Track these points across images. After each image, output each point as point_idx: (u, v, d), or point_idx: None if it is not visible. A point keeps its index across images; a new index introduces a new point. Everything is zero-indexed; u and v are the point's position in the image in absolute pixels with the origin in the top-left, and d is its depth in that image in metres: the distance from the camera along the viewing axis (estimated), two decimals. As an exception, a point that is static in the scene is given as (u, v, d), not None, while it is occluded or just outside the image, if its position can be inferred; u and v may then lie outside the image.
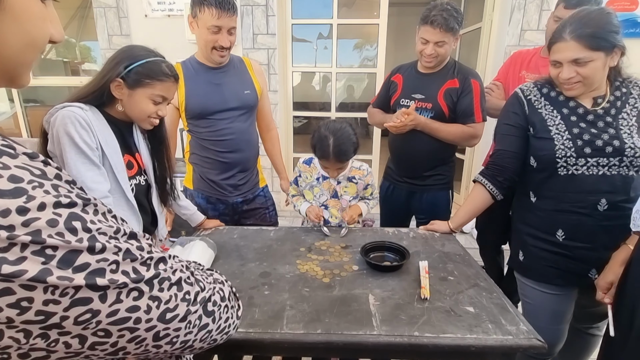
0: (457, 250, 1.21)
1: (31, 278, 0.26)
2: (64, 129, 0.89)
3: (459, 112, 1.53)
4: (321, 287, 0.99)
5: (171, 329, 0.35)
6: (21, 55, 0.34)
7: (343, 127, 1.32)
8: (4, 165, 0.26)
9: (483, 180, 1.21)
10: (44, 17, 0.35)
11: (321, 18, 2.91)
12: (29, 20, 0.33)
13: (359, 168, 1.44)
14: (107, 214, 0.33)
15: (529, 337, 0.78)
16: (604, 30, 0.93)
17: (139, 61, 0.98)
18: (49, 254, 0.27)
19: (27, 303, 0.26)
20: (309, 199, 1.46)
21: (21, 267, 0.25)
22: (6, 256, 0.25)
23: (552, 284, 1.12)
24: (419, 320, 0.84)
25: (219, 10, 1.24)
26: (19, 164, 0.27)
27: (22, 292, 0.26)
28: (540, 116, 1.10)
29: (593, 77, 0.99)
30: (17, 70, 0.35)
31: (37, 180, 0.28)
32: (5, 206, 0.25)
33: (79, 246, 0.28)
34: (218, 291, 0.42)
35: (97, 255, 0.29)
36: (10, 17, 0.31)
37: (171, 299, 0.35)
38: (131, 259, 0.32)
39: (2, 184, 0.25)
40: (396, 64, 1.75)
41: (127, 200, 1.02)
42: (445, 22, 1.41)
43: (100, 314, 0.30)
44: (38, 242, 0.26)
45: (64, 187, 0.30)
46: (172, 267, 0.36)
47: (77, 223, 0.28)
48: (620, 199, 1.01)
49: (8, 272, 0.25)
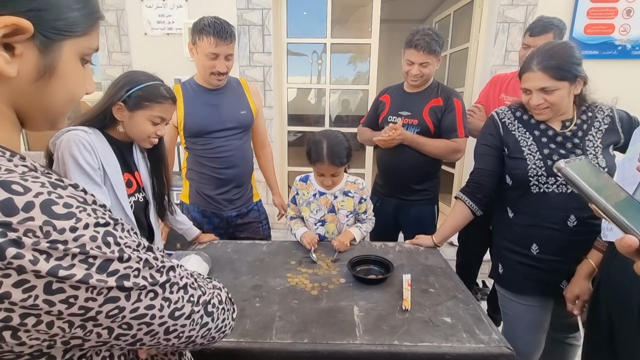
0: (439, 263, 1.28)
1: (78, 280, 0.33)
2: (68, 152, 0.96)
3: (443, 128, 1.63)
4: (309, 299, 1.05)
5: (179, 325, 0.43)
6: (64, 107, 0.43)
7: (336, 133, 1.38)
8: (59, 195, 0.34)
9: (463, 196, 1.28)
10: (84, 78, 0.44)
11: (315, 37, 3.02)
12: (73, 82, 0.42)
13: (354, 182, 1.48)
14: (131, 231, 0.41)
15: (499, 346, 0.84)
16: (567, 62, 1.03)
17: (138, 85, 1.05)
18: (90, 262, 0.34)
19: (74, 300, 0.34)
20: (306, 216, 1.50)
21: (72, 271, 0.33)
22: (61, 263, 0.32)
23: (528, 295, 1.19)
24: (399, 330, 0.90)
25: (217, 39, 1.33)
26: (68, 193, 0.35)
27: (70, 291, 0.33)
28: (514, 137, 1.18)
29: (559, 103, 1.08)
30: (58, 119, 0.44)
31: (82, 206, 0.35)
32: (62, 226, 0.33)
33: (112, 256, 0.36)
34: (216, 295, 0.50)
35: (124, 264, 0.37)
36: (60, 81, 0.40)
37: (179, 300, 0.43)
38: (149, 267, 0.40)
39: (59, 209, 0.33)
40: (388, 80, 1.85)
41: (126, 217, 1.08)
42: (427, 45, 1.52)
43: (125, 310, 0.37)
44: (84, 252, 0.34)
45: (100, 210, 0.38)
46: (179, 275, 0.44)
47: (110, 238, 0.36)
48: (588, 215, 1.09)
49: (63, 275, 0.32)
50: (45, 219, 0.32)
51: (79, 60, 0.42)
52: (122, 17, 2.67)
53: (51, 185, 0.34)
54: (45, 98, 0.40)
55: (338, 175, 1.41)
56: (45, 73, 0.38)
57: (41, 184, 0.33)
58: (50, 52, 0.38)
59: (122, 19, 2.68)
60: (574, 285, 1.08)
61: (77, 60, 0.42)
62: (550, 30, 1.54)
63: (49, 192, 0.33)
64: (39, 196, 0.32)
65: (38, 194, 0.32)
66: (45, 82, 0.39)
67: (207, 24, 1.33)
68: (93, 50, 0.43)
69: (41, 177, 0.35)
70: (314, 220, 1.48)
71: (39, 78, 0.38)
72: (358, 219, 1.51)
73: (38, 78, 0.38)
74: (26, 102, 0.39)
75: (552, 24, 1.55)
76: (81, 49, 0.41)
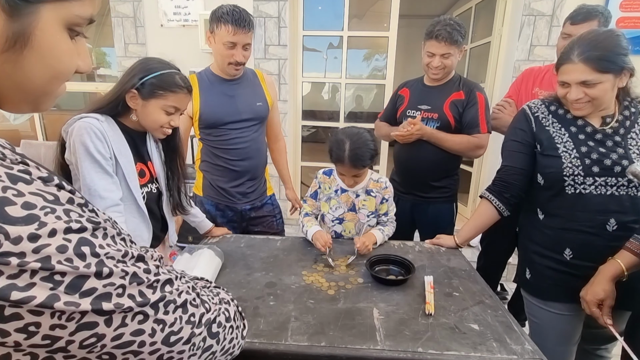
0: (462, 265, 1.21)
1: (39, 304, 0.26)
2: (80, 139, 0.93)
3: (465, 123, 1.55)
4: (326, 299, 1.00)
5: (175, 352, 0.35)
6: (46, 86, 0.35)
7: (361, 133, 1.28)
8: (19, 192, 0.27)
9: (489, 196, 1.21)
10: (71, 53, 0.36)
11: (332, 30, 2.96)
12: (55, 57, 0.34)
13: (377, 180, 1.39)
14: (117, 236, 0.33)
15: (534, 358, 0.78)
16: (612, 53, 0.94)
17: (153, 73, 1.01)
18: (57, 280, 0.27)
19: (35, 328, 0.26)
20: (324, 211, 1.42)
21: (30, 293, 0.26)
22: (16, 282, 0.25)
23: (559, 303, 1.11)
24: (423, 336, 0.84)
25: (235, 27, 1.29)
26: (33, 190, 0.28)
27: (30, 317, 0.26)
28: (548, 133, 1.10)
29: (601, 98, 0.99)
30: (40, 99, 0.36)
31: (49, 206, 0.28)
32: (17, 233, 0.25)
33: (86, 272, 0.28)
34: (223, 312, 0.42)
35: (104, 280, 0.29)
36: (36, 55, 0.33)
37: (176, 321, 0.35)
38: (137, 282, 0.32)
39: (15, 211, 0.26)
40: (405, 75, 1.78)
41: (138, 208, 1.05)
42: (449, 35, 1.45)
43: (105, 337, 0.30)
44: (47, 268, 0.26)
45: (75, 211, 0.30)
46: (178, 289, 0.37)
47: (85, 248, 0.29)
48: (629, 219, 1.00)
49: (17, 299, 0.25)
50: None
51: (64, 30, 0.34)
52: (138, 8, 2.66)
53: (9, 179, 0.27)
54: (18, 74, 0.33)
55: (360, 176, 1.34)
56: (15, 43, 0.31)
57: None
58: (22, 17, 0.31)
59: (139, 10, 2.67)
60: (597, 287, 0.96)
61: (62, 30, 0.34)
62: (594, 18, 1.42)
63: (4, 188, 0.26)
64: None
65: None
66: (17, 55, 0.32)
67: (226, 11, 1.29)
68: (85, 20, 0.35)
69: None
70: (331, 217, 1.41)
71: (8, 48, 0.31)
72: (379, 220, 1.42)
73: (7, 48, 0.31)
74: None
75: (597, 10, 1.42)
76: (67, 16, 0.34)
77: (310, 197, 1.46)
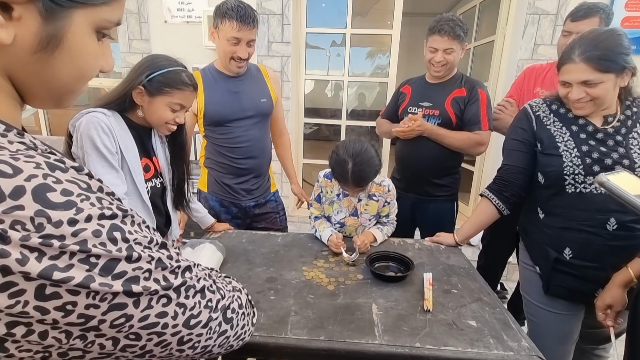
0: (462, 263, 1.22)
1: (77, 284, 0.28)
2: (87, 134, 0.94)
3: (466, 120, 1.56)
4: (326, 294, 1.01)
5: (194, 334, 0.38)
6: (70, 85, 0.37)
7: (364, 150, 1.20)
8: (57, 180, 0.28)
9: (490, 194, 1.21)
10: (97, 54, 0.37)
11: (335, 27, 2.95)
12: (83, 58, 0.36)
13: (380, 184, 1.36)
14: (142, 224, 0.35)
15: (530, 354, 0.79)
16: (614, 52, 0.94)
17: (160, 70, 1.02)
18: (92, 262, 0.29)
19: (72, 306, 0.28)
20: (327, 213, 1.42)
21: (69, 273, 0.28)
22: (57, 263, 0.27)
23: (558, 302, 1.12)
24: (420, 332, 0.85)
25: (239, 23, 1.29)
26: (69, 177, 0.30)
27: (68, 297, 0.28)
28: (549, 132, 1.11)
29: (603, 97, 0.99)
30: (64, 97, 0.38)
31: (84, 194, 0.30)
32: (58, 218, 0.27)
33: (118, 255, 0.30)
34: (236, 299, 0.45)
35: (133, 264, 0.31)
36: (66, 55, 0.34)
37: (195, 305, 0.37)
38: (162, 268, 0.34)
39: (55, 197, 0.28)
40: (408, 73, 1.78)
41: (142, 202, 1.07)
42: (452, 30, 1.45)
43: (133, 318, 0.32)
44: (84, 251, 0.28)
45: (106, 199, 0.32)
46: (197, 275, 0.39)
47: (117, 234, 0.31)
48: (630, 218, 1.00)
49: (58, 278, 0.27)
50: (37, 208, 0.26)
51: (93, 33, 0.36)
52: (142, 4, 2.67)
53: (48, 167, 0.28)
54: (47, 72, 0.34)
55: (365, 188, 1.31)
56: (48, 44, 0.32)
57: (35, 164, 0.28)
58: (56, 20, 0.32)
59: (143, 6, 2.68)
60: (606, 293, 0.99)
61: (91, 33, 0.35)
62: (595, 15, 1.41)
63: (45, 175, 0.28)
64: (32, 180, 0.27)
65: (30, 177, 0.27)
66: (49, 55, 0.33)
67: (230, 7, 1.30)
68: (113, 24, 0.37)
69: (37, 156, 0.29)
70: (334, 220, 1.41)
71: (41, 49, 0.32)
72: (379, 221, 1.42)
73: (39, 49, 0.32)
74: (24, 74, 0.33)
75: (598, 7, 1.41)
76: (98, 20, 0.35)
77: (315, 200, 1.44)
